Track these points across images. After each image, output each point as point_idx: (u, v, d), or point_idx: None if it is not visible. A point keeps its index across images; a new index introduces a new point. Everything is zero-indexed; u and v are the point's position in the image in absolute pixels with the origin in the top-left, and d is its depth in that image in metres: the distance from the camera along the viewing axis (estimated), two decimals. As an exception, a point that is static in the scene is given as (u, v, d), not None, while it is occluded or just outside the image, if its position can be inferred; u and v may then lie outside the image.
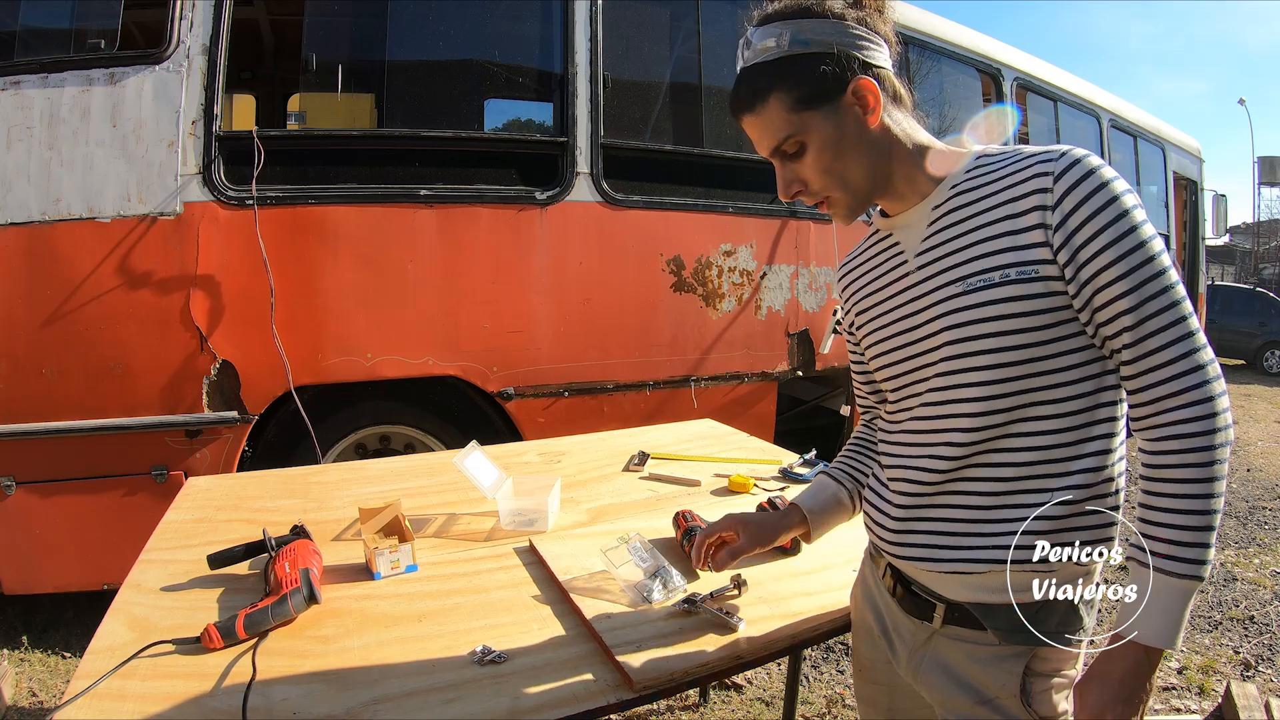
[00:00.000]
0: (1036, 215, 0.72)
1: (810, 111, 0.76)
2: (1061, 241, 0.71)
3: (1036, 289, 0.72)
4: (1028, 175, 0.73)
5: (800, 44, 0.75)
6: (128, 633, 0.95)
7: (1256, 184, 22.56)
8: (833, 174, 0.79)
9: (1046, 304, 0.73)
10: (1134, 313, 0.69)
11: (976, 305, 0.75)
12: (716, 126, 3.02)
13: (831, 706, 2.10)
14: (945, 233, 0.79)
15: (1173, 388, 0.70)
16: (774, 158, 0.81)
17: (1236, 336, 11.18)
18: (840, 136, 0.77)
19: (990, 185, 0.77)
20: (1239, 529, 3.75)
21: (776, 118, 0.77)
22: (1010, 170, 0.75)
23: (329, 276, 2.32)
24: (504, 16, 2.74)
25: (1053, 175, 0.71)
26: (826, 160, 0.78)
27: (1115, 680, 0.72)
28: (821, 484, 1.05)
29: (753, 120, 0.79)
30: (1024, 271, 0.73)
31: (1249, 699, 2.01)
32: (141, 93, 2.13)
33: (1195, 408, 0.69)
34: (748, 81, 0.78)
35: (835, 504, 1.02)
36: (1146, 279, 0.69)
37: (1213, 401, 0.69)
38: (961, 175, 0.80)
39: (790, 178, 0.81)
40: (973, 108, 3.95)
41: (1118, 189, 0.70)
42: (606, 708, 0.83)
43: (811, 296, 3.10)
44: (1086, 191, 0.70)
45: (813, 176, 0.79)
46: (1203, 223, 6.58)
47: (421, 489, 1.54)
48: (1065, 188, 0.70)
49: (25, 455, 2.12)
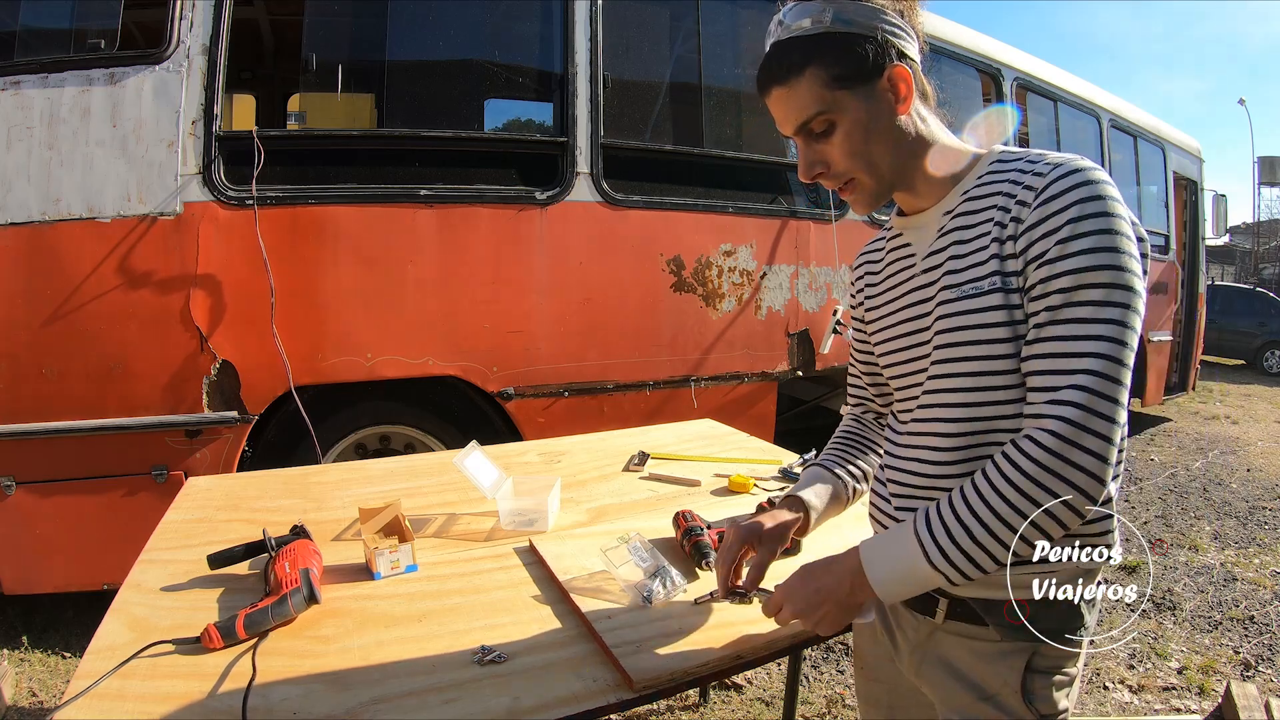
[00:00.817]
0: (1013, 225, 0.72)
1: (844, 91, 0.75)
2: (1023, 248, 0.71)
3: (1015, 300, 0.72)
4: (1022, 185, 0.73)
5: (842, 23, 0.75)
6: (128, 633, 0.94)
7: (1256, 184, 22.58)
8: (860, 157, 0.77)
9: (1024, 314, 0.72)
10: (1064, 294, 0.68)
11: (965, 312, 0.75)
12: (716, 126, 3.02)
13: (831, 706, 2.10)
14: (949, 237, 0.80)
15: (1047, 401, 0.67)
16: (798, 136, 0.79)
17: (1236, 336, 11.18)
18: (871, 120, 0.76)
19: (992, 193, 0.77)
20: (1239, 529, 3.75)
21: (809, 93, 0.76)
22: (1010, 179, 0.75)
23: (329, 276, 2.32)
24: (504, 16, 2.74)
25: (1035, 189, 0.71)
26: (856, 142, 0.77)
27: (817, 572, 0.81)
28: (815, 474, 1.03)
29: (783, 94, 0.77)
30: (1007, 281, 0.72)
31: (1249, 699, 2.01)
32: (141, 93, 2.14)
33: (1053, 438, 0.66)
34: (781, 54, 0.76)
35: (831, 496, 1.00)
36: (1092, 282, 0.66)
37: (1074, 446, 0.65)
38: (973, 182, 0.79)
39: (814, 158, 0.79)
40: (973, 108, 3.96)
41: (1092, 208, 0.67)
42: (606, 708, 0.83)
43: (811, 296, 3.10)
44: (1058, 205, 0.69)
45: (839, 158, 0.78)
46: (1203, 223, 6.58)
47: (421, 489, 1.54)
48: (1047, 196, 0.70)
49: (25, 455, 2.12)
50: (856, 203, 0.82)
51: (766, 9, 0.81)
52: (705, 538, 1.18)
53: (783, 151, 3.21)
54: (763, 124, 3.21)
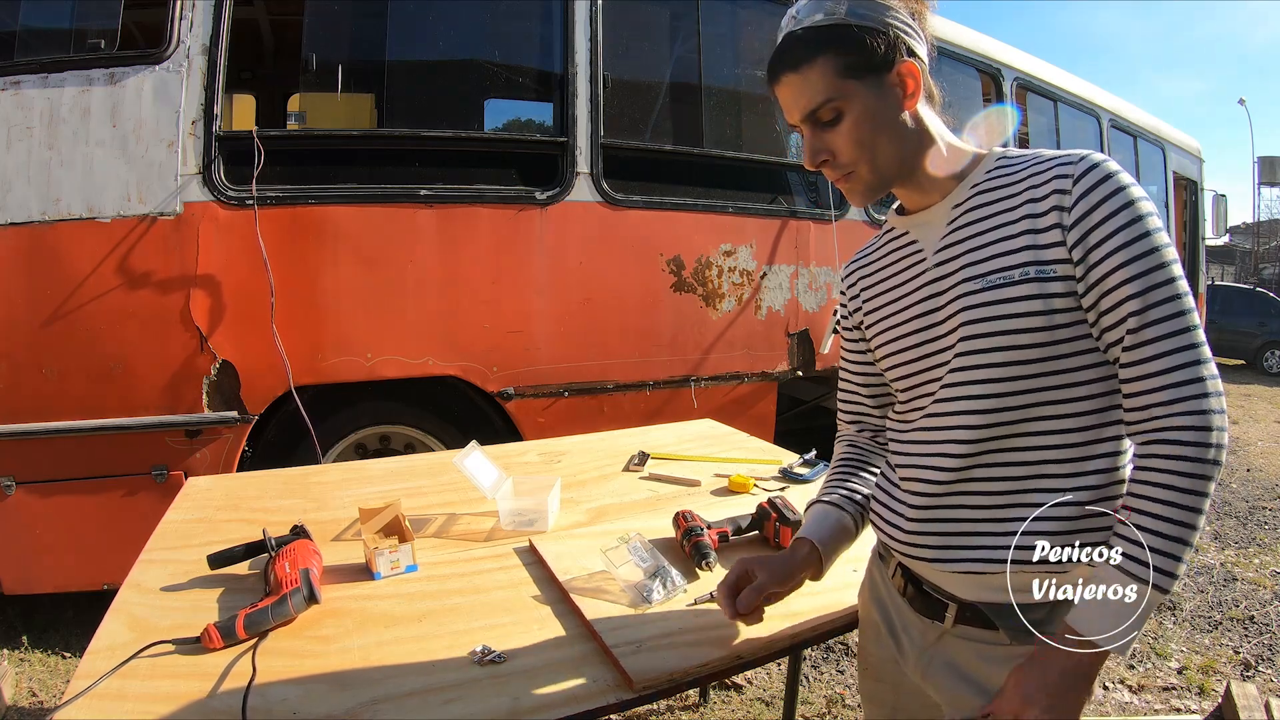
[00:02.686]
0: (1054, 216, 0.73)
1: (855, 81, 0.76)
2: (1076, 240, 0.72)
3: (1054, 289, 0.73)
4: (1049, 177, 0.74)
5: (856, 16, 0.76)
6: (128, 633, 0.95)
7: (1256, 184, 22.58)
8: (865, 147, 0.78)
9: (1063, 304, 0.73)
10: (1139, 316, 0.69)
11: (994, 302, 0.75)
12: (716, 126, 3.02)
13: (831, 706, 2.10)
14: (965, 229, 0.80)
15: (1170, 395, 0.69)
16: (805, 123, 0.80)
17: (1236, 336, 11.18)
18: (878, 112, 0.77)
19: (1012, 186, 0.78)
20: (1239, 529, 3.75)
21: (820, 80, 0.76)
22: (1032, 172, 0.76)
23: (329, 276, 2.32)
24: (504, 16, 2.74)
25: (1071, 178, 0.72)
26: (863, 132, 0.77)
27: (1056, 671, 0.70)
28: (822, 513, 0.99)
29: (793, 79, 0.78)
30: (1042, 270, 0.73)
31: (1249, 699, 2.01)
32: (141, 93, 2.13)
33: (1191, 418, 0.68)
34: (795, 42, 0.78)
35: (841, 530, 0.97)
36: (1156, 284, 0.69)
37: (1208, 415, 0.68)
38: (983, 175, 0.81)
39: (820, 146, 0.80)
40: (973, 108, 3.96)
41: (1134, 194, 0.71)
42: (606, 708, 0.83)
43: (811, 296, 3.10)
44: (1103, 194, 0.71)
45: (845, 147, 0.78)
46: (1203, 223, 6.59)
47: (421, 489, 1.54)
48: (1083, 190, 0.71)
49: (25, 455, 2.11)
50: (854, 193, 0.82)
51: (766, 9, 0.81)
52: (705, 538, 1.18)
53: (783, 151, 3.21)
54: (763, 124, 3.21)
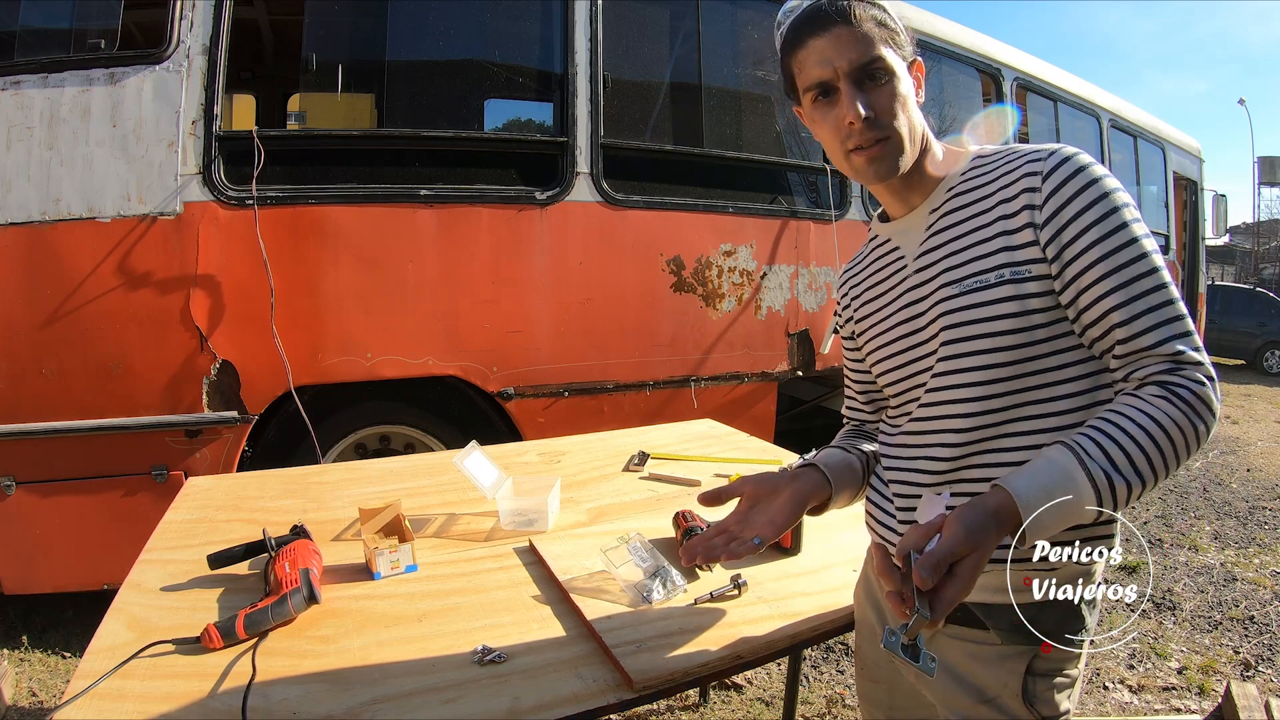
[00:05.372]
0: (1026, 215, 0.73)
1: (898, 55, 0.77)
2: (1049, 238, 0.72)
3: (1030, 289, 0.73)
4: (1019, 175, 0.75)
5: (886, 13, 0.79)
6: (128, 633, 0.95)
7: (1256, 184, 22.60)
8: (905, 113, 0.78)
9: (1041, 304, 0.73)
10: (1125, 308, 0.69)
11: (972, 306, 0.75)
12: (716, 126, 3.02)
13: (831, 706, 2.10)
14: (942, 235, 0.80)
15: (1168, 365, 0.69)
16: (848, 78, 0.75)
17: (1236, 336, 11.18)
18: (910, 91, 0.79)
19: (984, 187, 0.78)
20: (1239, 529, 3.75)
21: (875, 38, 0.76)
22: (1003, 171, 0.77)
23: (329, 276, 2.32)
24: (504, 16, 2.74)
25: (1041, 174, 0.73)
26: (904, 99, 0.78)
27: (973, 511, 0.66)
28: (827, 451, 0.97)
29: (846, 32, 0.75)
30: (1017, 272, 0.73)
31: (1249, 699, 2.01)
32: (141, 93, 2.13)
33: (1188, 375, 0.68)
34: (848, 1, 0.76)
35: (848, 467, 0.93)
36: (1137, 275, 0.69)
37: (1205, 385, 0.67)
38: (957, 178, 0.81)
39: (865, 100, 0.75)
40: (973, 108, 3.96)
41: (1107, 185, 0.71)
42: (606, 708, 0.83)
43: (811, 296, 3.10)
44: (1074, 189, 0.71)
45: (890, 107, 0.76)
46: (1203, 223, 6.59)
47: (421, 489, 1.54)
48: (1052, 186, 0.72)
49: (25, 455, 2.11)
50: (884, 160, 0.78)
51: (766, 9, 0.81)
52: (705, 538, 1.17)
53: (783, 151, 3.21)
54: (763, 124, 3.21)
